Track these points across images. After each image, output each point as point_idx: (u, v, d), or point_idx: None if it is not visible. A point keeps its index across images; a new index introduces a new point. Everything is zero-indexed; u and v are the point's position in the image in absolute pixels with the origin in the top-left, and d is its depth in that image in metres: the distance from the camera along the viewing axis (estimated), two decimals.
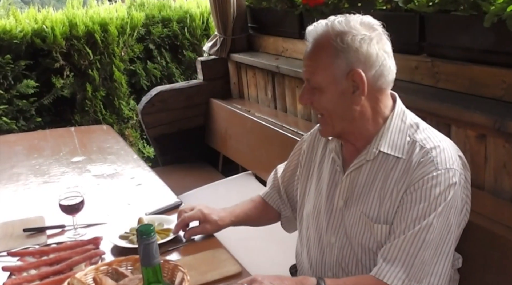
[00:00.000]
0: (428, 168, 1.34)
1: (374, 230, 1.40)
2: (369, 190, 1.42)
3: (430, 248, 1.32)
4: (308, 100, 1.45)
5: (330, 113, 1.42)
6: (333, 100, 1.40)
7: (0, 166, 2.52)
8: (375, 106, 1.42)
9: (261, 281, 1.30)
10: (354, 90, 1.38)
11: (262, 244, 2.34)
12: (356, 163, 1.45)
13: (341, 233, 1.47)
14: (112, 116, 4.28)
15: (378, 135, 1.42)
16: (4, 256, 1.63)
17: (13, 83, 3.84)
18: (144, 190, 2.18)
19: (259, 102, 3.49)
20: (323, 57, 1.39)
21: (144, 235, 0.96)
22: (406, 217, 1.34)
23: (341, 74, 1.37)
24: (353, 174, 1.46)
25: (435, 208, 1.32)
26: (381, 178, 1.40)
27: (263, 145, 3.01)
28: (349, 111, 1.41)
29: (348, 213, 1.46)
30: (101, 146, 2.80)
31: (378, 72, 1.39)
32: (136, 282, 1.29)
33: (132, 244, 1.65)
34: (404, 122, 1.43)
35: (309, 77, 1.42)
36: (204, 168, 3.70)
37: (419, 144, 1.37)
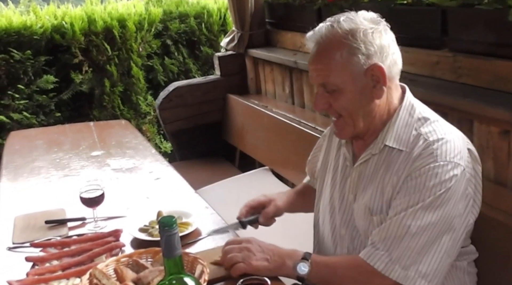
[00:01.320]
0: (427, 160, 1.34)
1: (374, 221, 1.41)
2: (372, 183, 1.44)
3: (418, 236, 1.31)
4: (325, 105, 1.43)
5: (350, 112, 1.42)
6: (354, 99, 1.40)
7: (22, 160, 2.56)
8: (388, 97, 1.43)
9: (251, 242, 1.41)
10: (374, 84, 1.39)
11: (277, 239, 2.33)
12: (363, 157, 1.47)
13: (351, 226, 1.50)
14: (129, 111, 4.32)
15: (385, 129, 1.43)
16: (27, 247, 1.66)
17: (33, 78, 3.89)
18: (162, 184, 2.20)
19: (276, 98, 3.49)
20: (337, 57, 1.37)
21: (166, 227, 0.97)
22: (397, 204, 1.36)
23: (360, 70, 1.37)
24: (360, 168, 1.48)
25: (424, 198, 1.32)
26: (384, 171, 1.41)
27: (280, 140, 3.01)
28: (370, 106, 1.41)
29: (356, 206, 1.48)
30: (120, 141, 2.83)
31: (392, 62, 1.40)
32: (156, 274, 1.30)
33: (151, 237, 1.67)
34: (412, 115, 1.43)
35: (324, 81, 1.40)
36: (221, 163, 3.71)
37: (423, 137, 1.38)
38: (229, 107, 3.68)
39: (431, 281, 1.32)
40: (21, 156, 2.63)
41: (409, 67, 2.09)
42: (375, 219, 1.41)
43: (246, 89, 3.75)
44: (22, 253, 1.62)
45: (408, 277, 1.31)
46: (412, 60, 2.11)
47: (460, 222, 1.35)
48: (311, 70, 1.44)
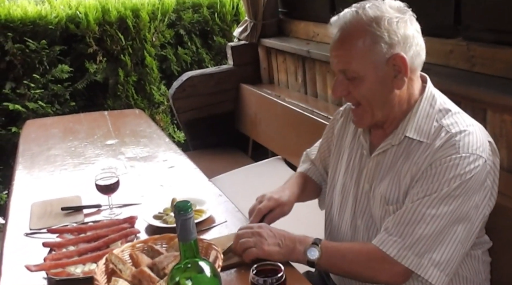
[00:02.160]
0: (449, 151, 1.33)
1: (390, 211, 1.41)
2: (390, 173, 1.43)
3: (432, 224, 1.31)
4: (344, 92, 1.42)
5: (369, 101, 1.41)
6: (374, 87, 1.39)
7: (38, 148, 2.60)
8: (409, 88, 1.42)
9: (263, 227, 1.43)
10: (395, 74, 1.37)
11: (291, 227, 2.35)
12: (382, 147, 1.45)
13: (366, 216, 1.49)
14: (143, 101, 4.34)
15: (405, 119, 1.42)
16: (44, 233, 1.69)
17: (48, 68, 3.93)
18: (176, 172, 2.22)
19: (289, 87, 3.49)
20: (359, 44, 1.36)
21: (181, 211, 0.98)
22: (414, 193, 1.36)
23: (382, 59, 1.36)
24: (378, 158, 1.46)
25: (442, 188, 1.31)
26: (402, 161, 1.41)
27: (293, 130, 3.01)
28: (390, 96, 1.40)
29: (373, 196, 1.47)
30: (134, 130, 2.85)
31: (415, 53, 1.38)
32: (171, 259, 1.33)
33: (166, 224, 1.69)
34: (433, 106, 1.41)
35: (345, 67, 1.39)
36: (233, 153, 3.73)
37: (445, 129, 1.36)
38: (242, 97, 3.69)
39: (443, 270, 1.32)
40: (37, 144, 2.67)
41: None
42: (391, 209, 1.41)
43: (259, 79, 3.75)
44: (39, 239, 1.65)
45: (421, 265, 1.32)
46: (426, 49, 2.10)
47: (477, 213, 1.35)
48: (332, 56, 1.42)
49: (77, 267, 1.47)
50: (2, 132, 3.84)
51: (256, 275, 1.17)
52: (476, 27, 2.00)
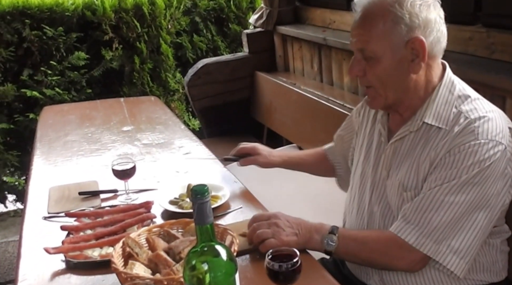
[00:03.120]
0: (468, 137, 1.32)
1: (407, 198, 1.40)
2: (408, 160, 1.42)
3: (451, 211, 1.30)
4: (360, 72, 1.42)
5: (384, 83, 1.40)
6: (390, 69, 1.38)
7: (55, 134, 2.63)
8: (427, 74, 1.41)
9: (279, 217, 1.42)
10: (413, 58, 1.36)
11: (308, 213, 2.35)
12: (400, 133, 1.44)
13: (383, 203, 1.49)
14: (159, 88, 4.35)
15: (424, 106, 1.40)
16: (62, 216, 1.71)
17: (65, 55, 3.95)
18: (192, 158, 2.23)
19: (304, 75, 3.47)
20: (379, 24, 1.35)
21: (198, 195, 0.99)
22: (432, 179, 1.35)
23: (400, 41, 1.35)
24: (396, 144, 1.46)
25: (461, 175, 1.30)
26: (421, 148, 1.40)
27: (308, 118, 3.00)
28: (405, 80, 1.39)
29: (390, 183, 1.46)
30: (150, 117, 2.87)
31: (436, 39, 1.37)
32: (187, 244, 1.34)
33: (181, 209, 1.70)
34: (452, 93, 1.40)
35: (363, 46, 1.38)
36: (248, 140, 3.66)
37: (464, 115, 1.35)
38: (257, 85, 3.68)
39: (463, 257, 1.32)
40: (54, 130, 2.69)
41: None
42: (408, 195, 1.40)
43: (274, 67, 3.74)
44: (57, 222, 1.68)
45: (439, 252, 1.31)
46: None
47: (497, 201, 1.34)
48: (353, 35, 1.42)
49: (94, 250, 1.48)
50: (20, 119, 3.88)
51: (271, 260, 1.17)
52: (496, 13, 1.97)
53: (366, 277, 1.51)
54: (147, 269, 1.28)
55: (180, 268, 1.21)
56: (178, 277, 1.16)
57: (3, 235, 3.63)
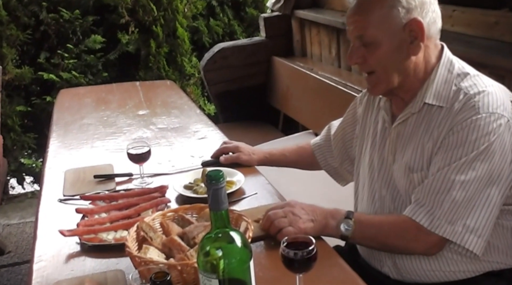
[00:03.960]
0: (469, 113, 1.31)
1: (415, 180, 1.39)
2: (411, 142, 1.41)
3: (463, 190, 1.29)
4: (359, 59, 1.40)
5: (386, 67, 1.39)
6: (390, 53, 1.37)
7: (71, 117, 2.63)
8: (426, 56, 1.40)
9: (293, 205, 1.41)
10: (412, 40, 1.36)
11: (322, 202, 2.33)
12: (402, 116, 1.44)
13: (391, 187, 1.48)
14: (174, 72, 4.34)
15: (423, 87, 1.40)
16: (77, 199, 1.71)
17: (81, 38, 3.96)
18: (207, 143, 2.21)
19: (322, 61, 3.43)
20: (376, 9, 1.35)
21: (213, 180, 0.97)
22: (438, 159, 1.33)
23: (398, 24, 1.34)
24: (399, 128, 1.45)
25: (467, 152, 1.29)
26: (424, 128, 1.39)
27: (325, 104, 2.97)
28: (406, 62, 1.38)
29: (396, 166, 1.46)
30: (165, 101, 2.86)
31: (432, 20, 1.37)
32: (201, 229, 1.32)
33: (196, 194, 1.69)
34: (451, 72, 1.39)
35: (361, 33, 1.37)
36: (264, 126, 3.71)
37: (463, 91, 1.35)
38: (273, 70, 3.64)
39: (480, 236, 1.31)
40: (70, 113, 2.70)
41: (465, 28, 2.00)
42: (415, 177, 1.39)
43: (291, 52, 3.70)
44: (73, 205, 1.68)
45: (455, 232, 1.30)
46: (468, 21, 2.02)
47: (508, 175, 1.32)
48: (349, 23, 1.40)
49: (109, 233, 1.48)
50: (37, 101, 3.91)
51: (287, 247, 1.15)
52: None
53: (380, 265, 1.50)
54: (161, 253, 1.27)
55: (194, 254, 1.20)
56: (192, 262, 1.15)
57: (21, 216, 3.67)
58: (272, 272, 1.28)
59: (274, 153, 1.92)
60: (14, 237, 3.37)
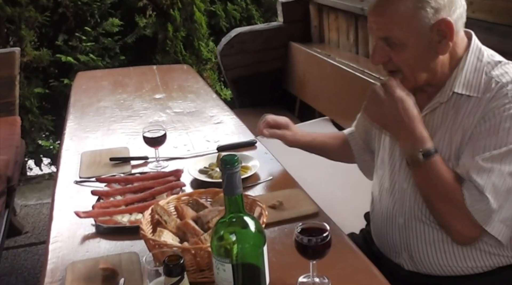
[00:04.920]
0: (501, 101, 1.27)
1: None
2: (440, 132, 1.37)
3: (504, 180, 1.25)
4: (384, 59, 1.34)
5: (412, 67, 1.33)
6: (417, 54, 1.32)
7: (88, 100, 2.64)
8: (452, 51, 1.35)
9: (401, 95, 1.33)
10: (440, 40, 1.30)
11: (337, 189, 2.33)
12: (430, 106, 1.39)
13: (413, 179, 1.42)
14: (191, 57, 4.34)
15: (452, 76, 1.35)
16: (92, 181, 1.73)
17: (99, 21, 3.96)
18: (223, 128, 2.21)
19: (339, 47, 3.39)
20: (401, 9, 1.28)
21: (228, 165, 0.96)
22: (470, 150, 1.29)
23: (425, 25, 1.28)
24: (426, 118, 1.40)
25: (502, 141, 1.25)
26: (452, 118, 1.35)
27: (343, 90, 2.94)
28: (434, 62, 1.33)
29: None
30: (182, 85, 2.85)
31: (459, 15, 1.31)
32: (216, 214, 1.32)
33: (211, 179, 1.69)
34: (480, 60, 1.35)
35: (386, 35, 1.31)
36: (280, 112, 3.64)
37: (495, 80, 1.30)
38: (290, 56, 3.61)
39: (509, 226, 1.28)
40: (87, 96, 2.71)
41: (485, 15, 1.95)
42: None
43: (309, 37, 3.66)
44: (88, 187, 1.69)
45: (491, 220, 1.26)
46: (489, 7, 1.97)
47: None
48: (371, 21, 1.34)
49: (123, 216, 1.49)
50: (55, 84, 3.94)
51: (301, 233, 1.15)
52: None
53: (395, 255, 1.48)
54: (175, 237, 1.27)
55: (208, 238, 1.20)
56: (205, 246, 1.15)
57: (38, 197, 3.72)
58: (285, 258, 1.27)
59: (317, 137, 1.82)
60: (31, 217, 3.42)
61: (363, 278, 1.22)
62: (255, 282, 1.02)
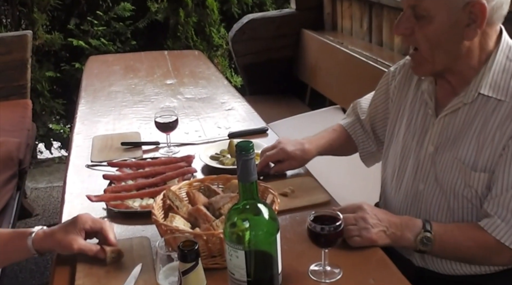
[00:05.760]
0: None
1: (471, 178, 1.29)
2: (465, 135, 1.30)
3: None
4: (407, 30, 1.28)
5: (433, 46, 1.27)
6: (441, 32, 1.25)
7: (100, 84, 2.64)
8: (482, 42, 1.27)
9: (366, 210, 1.27)
10: (469, 23, 1.23)
11: (347, 178, 2.31)
12: (451, 106, 1.32)
13: (430, 180, 1.38)
14: (202, 43, 4.31)
15: (479, 75, 1.28)
16: (104, 165, 1.73)
17: (111, 5, 3.94)
18: (234, 114, 2.20)
19: (353, 35, 3.35)
20: None
21: (243, 151, 0.95)
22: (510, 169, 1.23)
23: (459, 2, 1.21)
24: (447, 118, 1.34)
25: None
26: (480, 122, 1.28)
27: (355, 79, 2.91)
28: (457, 46, 1.26)
29: (440, 158, 1.35)
30: (193, 71, 2.84)
31: (498, 4, 1.23)
32: (227, 200, 1.32)
33: (222, 165, 1.69)
34: (510, 59, 1.28)
35: (416, 2, 1.25)
36: (291, 100, 3.67)
37: None
38: (303, 43, 3.58)
39: None
40: (99, 80, 2.71)
41: None
42: (476, 176, 1.28)
43: (321, 25, 3.62)
44: (100, 171, 1.69)
45: None
46: None
47: None
48: None
49: (135, 201, 1.49)
50: (66, 68, 3.94)
51: (313, 222, 1.14)
52: None
53: (407, 252, 1.44)
54: (186, 222, 1.27)
55: (220, 224, 1.20)
56: (217, 232, 1.14)
57: (48, 180, 3.75)
58: (297, 246, 1.27)
59: (323, 145, 1.70)
60: (42, 200, 3.44)
61: (376, 268, 1.20)
62: (268, 269, 1.02)
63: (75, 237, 1.22)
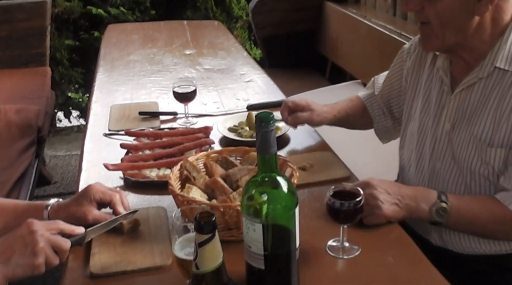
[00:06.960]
0: None
1: (487, 154, 1.26)
2: (481, 111, 1.27)
3: None
4: (417, 6, 1.25)
5: (443, 22, 1.23)
6: (452, 7, 1.21)
7: (118, 53, 2.62)
8: (496, 17, 1.23)
9: (374, 186, 1.23)
10: None
11: (367, 156, 2.28)
12: (467, 81, 1.29)
13: (447, 158, 1.35)
14: (222, 14, 4.25)
15: (494, 48, 1.24)
16: (121, 134, 1.72)
17: None
18: (253, 86, 2.17)
19: (376, 8, 3.26)
20: None
21: (263, 122, 0.92)
22: None
23: None
24: (463, 94, 1.30)
25: None
26: (496, 97, 1.25)
27: (377, 53, 2.84)
28: (467, 21, 1.23)
29: (457, 136, 1.32)
30: (212, 42, 2.81)
31: None
32: (245, 172, 1.30)
33: (240, 137, 1.66)
34: None
35: None
36: (310, 74, 3.62)
37: None
38: (324, 16, 3.51)
39: None
40: (117, 49, 2.69)
41: None
42: (492, 152, 1.25)
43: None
44: (117, 140, 1.68)
45: None
46: None
47: None
48: None
49: (152, 170, 1.48)
50: (85, 36, 3.92)
51: (333, 197, 1.12)
52: None
53: (425, 233, 1.41)
54: (203, 194, 1.26)
55: (237, 196, 1.18)
56: (235, 204, 1.13)
57: (67, 148, 3.77)
58: (314, 221, 1.25)
59: (340, 110, 1.68)
60: (60, 168, 3.47)
61: (394, 246, 1.18)
62: (285, 243, 1.00)
63: (88, 208, 1.22)
